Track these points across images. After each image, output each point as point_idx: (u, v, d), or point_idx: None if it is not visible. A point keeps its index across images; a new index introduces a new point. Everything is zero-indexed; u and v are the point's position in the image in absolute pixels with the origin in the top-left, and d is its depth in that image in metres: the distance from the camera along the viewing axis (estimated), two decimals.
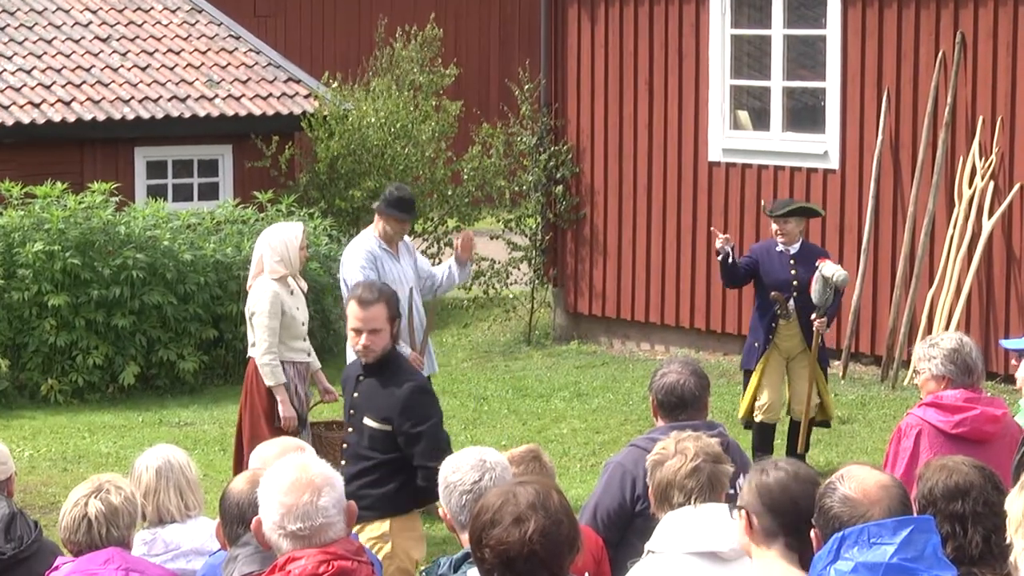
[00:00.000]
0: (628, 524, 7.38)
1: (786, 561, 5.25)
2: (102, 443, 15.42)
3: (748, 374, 13.25)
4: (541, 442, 12.50)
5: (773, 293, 12.86)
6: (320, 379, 12.10)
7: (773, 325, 13.06)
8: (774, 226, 13.27)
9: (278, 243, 11.60)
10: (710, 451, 6.49)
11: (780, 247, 13.19)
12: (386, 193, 12.68)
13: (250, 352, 11.68)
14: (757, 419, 13.14)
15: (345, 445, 8.92)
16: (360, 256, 12.21)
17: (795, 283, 12.94)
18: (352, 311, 8.69)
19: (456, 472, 6.15)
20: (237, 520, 5.93)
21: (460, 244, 12.80)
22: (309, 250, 17.50)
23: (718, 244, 13.06)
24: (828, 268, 12.86)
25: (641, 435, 8.11)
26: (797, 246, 13.20)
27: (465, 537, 5.44)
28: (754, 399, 13.11)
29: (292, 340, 11.62)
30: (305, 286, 12.02)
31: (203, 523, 6.97)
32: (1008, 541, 5.59)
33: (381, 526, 8.51)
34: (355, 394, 8.81)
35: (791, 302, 12.87)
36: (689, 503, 6.31)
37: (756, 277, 13.18)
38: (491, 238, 19.57)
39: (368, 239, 12.37)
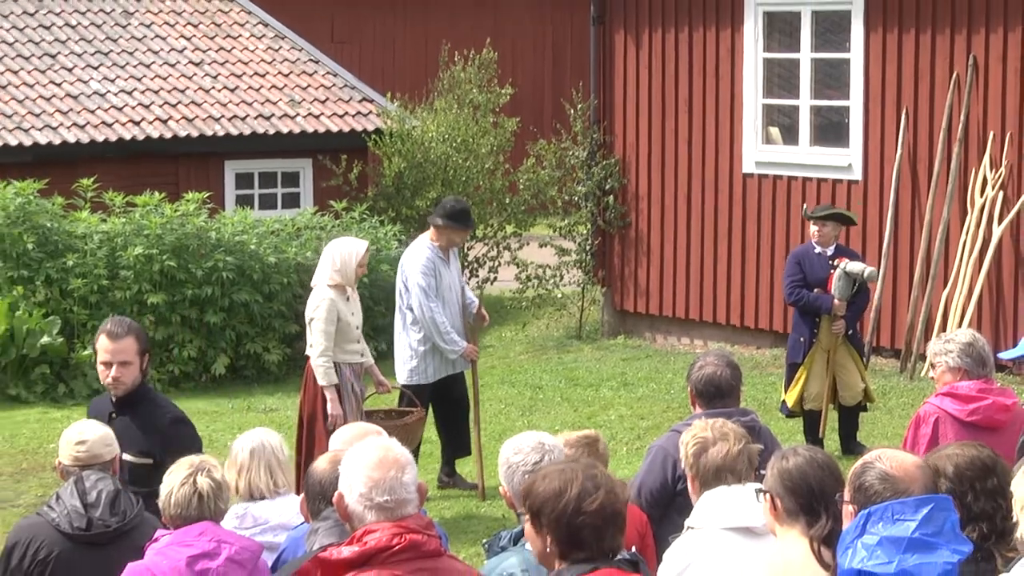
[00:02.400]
0: (670, 502, 7.38)
1: (806, 538, 5.27)
2: (198, 426, 15.46)
3: (794, 367, 13.20)
4: (590, 427, 12.49)
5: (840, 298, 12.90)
6: (374, 373, 12.03)
7: (816, 321, 13.05)
8: (813, 228, 13.23)
9: (340, 256, 11.59)
10: (743, 434, 6.50)
11: (818, 249, 13.17)
12: (446, 206, 12.63)
13: (307, 352, 11.71)
14: (806, 407, 13.15)
15: None
16: (421, 261, 12.29)
17: (835, 270, 12.97)
18: (102, 344, 8.10)
19: (518, 454, 6.17)
20: (319, 496, 5.95)
21: (480, 315, 12.88)
22: (379, 254, 17.67)
23: (837, 292, 12.96)
24: (854, 266, 12.87)
25: (681, 421, 8.09)
26: (832, 248, 13.19)
27: (524, 517, 5.44)
28: (803, 390, 13.11)
29: (347, 343, 11.59)
30: (357, 295, 12.01)
31: (289, 500, 6.99)
32: (1014, 520, 5.59)
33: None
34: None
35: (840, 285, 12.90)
36: (740, 483, 6.30)
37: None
38: (540, 245, 19.58)
39: (425, 246, 12.40)
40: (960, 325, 14.95)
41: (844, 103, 16.56)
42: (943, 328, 15.14)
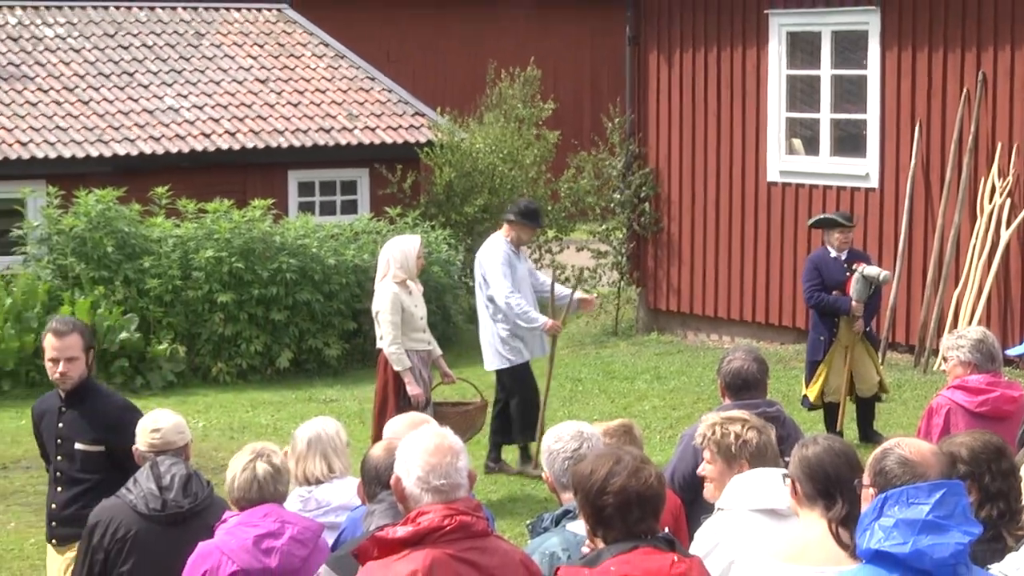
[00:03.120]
0: (701, 486, 7.36)
1: (825, 520, 5.28)
2: (262, 416, 15.54)
3: (814, 364, 13.18)
4: (626, 417, 12.48)
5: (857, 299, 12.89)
6: (441, 364, 12.08)
7: (836, 321, 13.03)
8: (837, 235, 13.19)
9: (399, 253, 11.68)
10: (757, 424, 6.49)
11: (833, 253, 13.15)
12: (520, 205, 12.75)
13: (379, 344, 11.75)
14: (826, 400, 13.16)
15: (59, 473, 7.96)
16: (498, 256, 12.35)
17: (853, 273, 12.97)
18: (48, 342, 7.96)
19: (559, 442, 6.18)
20: (375, 481, 5.96)
21: (586, 302, 12.98)
22: (431, 256, 17.69)
23: (855, 295, 12.96)
24: (871, 270, 12.87)
25: (711, 411, 8.09)
26: (845, 252, 13.17)
27: (567, 496, 5.44)
28: (824, 384, 13.09)
29: (412, 332, 11.68)
30: (421, 287, 12.05)
31: (349, 483, 7.00)
32: (1021, 503, 5.57)
33: None
34: (60, 424, 7.93)
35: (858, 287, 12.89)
36: (750, 468, 6.32)
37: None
38: (578, 249, 19.58)
39: (500, 242, 12.47)
40: (970, 323, 14.90)
41: (862, 116, 16.52)
42: (954, 325, 15.09)
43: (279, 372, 17.37)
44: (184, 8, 22.52)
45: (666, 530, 5.17)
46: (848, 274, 12.99)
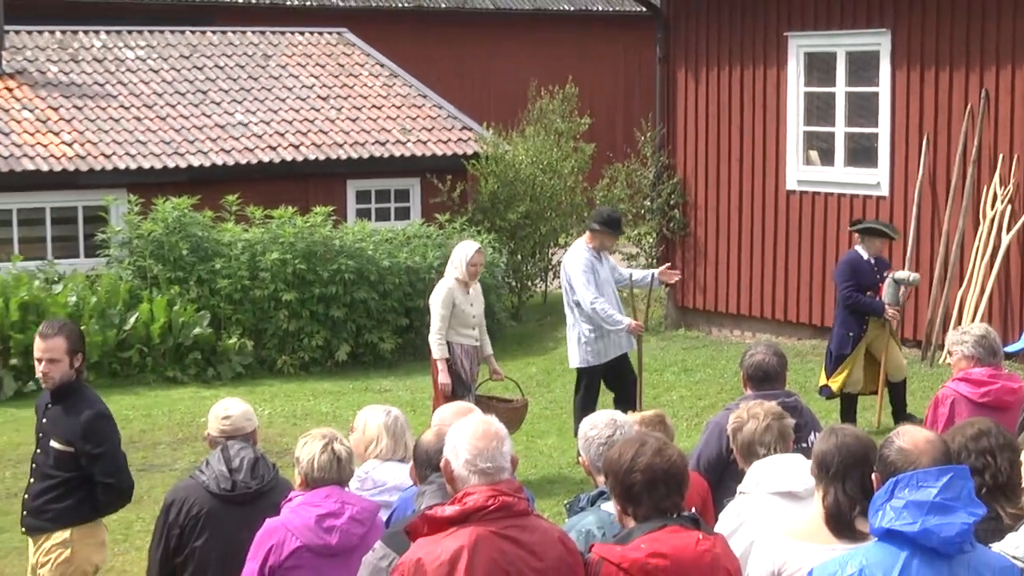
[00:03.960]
0: (724, 469, 7.35)
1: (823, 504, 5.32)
2: (322, 404, 15.58)
3: (841, 357, 13.14)
4: (655, 407, 12.47)
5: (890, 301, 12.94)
6: (491, 362, 12.06)
7: (866, 319, 13.03)
8: (879, 243, 13.19)
9: (456, 256, 11.77)
10: (774, 412, 6.50)
11: (865, 256, 13.13)
12: (602, 214, 12.61)
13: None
14: (846, 391, 13.16)
15: (34, 465, 7.78)
16: (580, 260, 12.28)
17: (886, 278, 13.01)
18: (36, 343, 7.70)
19: (594, 429, 6.19)
20: (426, 464, 5.96)
21: (665, 276, 12.84)
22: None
23: (888, 297, 12.99)
24: (901, 273, 12.96)
25: (733, 401, 8.07)
26: (875, 257, 13.16)
27: (601, 479, 5.43)
28: (847, 376, 13.08)
29: (462, 327, 11.70)
30: (480, 288, 12.04)
31: (403, 466, 7.01)
32: (1022, 484, 5.54)
33: (63, 534, 7.66)
34: (43, 419, 7.75)
35: (890, 290, 12.95)
36: (770, 454, 6.32)
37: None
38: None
39: (582, 248, 12.39)
40: (973, 320, 14.84)
41: (873, 130, 16.45)
42: (959, 322, 15.04)
43: (338, 364, 17.41)
44: (253, 32, 22.62)
45: (693, 510, 5.17)
46: (880, 279, 12.99)
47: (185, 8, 26.80)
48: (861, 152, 16.68)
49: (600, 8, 30.29)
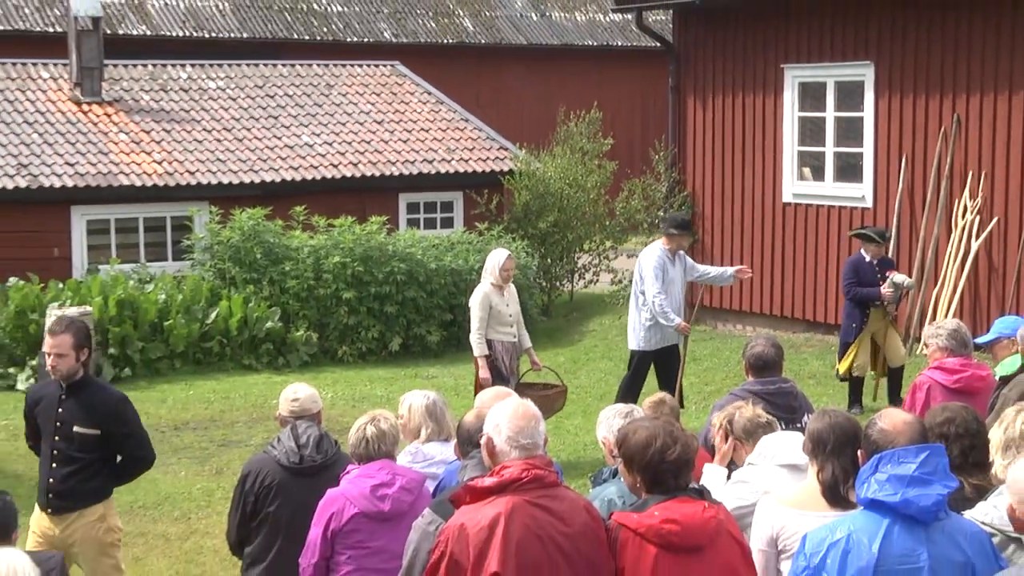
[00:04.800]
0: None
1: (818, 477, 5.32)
2: (377, 389, 15.60)
3: (846, 344, 13.20)
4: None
5: (889, 299, 12.97)
6: (531, 355, 11.93)
7: (867, 311, 13.05)
8: (872, 247, 13.19)
9: (490, 262, 11.69)
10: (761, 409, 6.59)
11: (868, 258, 13.13)
12: (676, 219, 12.56)
13: None
14: (853, 374, 13.18)
15: (56, 452, 7.48)
16: (653, 260, 12.19)
17: (880, 283, 13.00)
18: (45, 339, 7.51)
19: (614, 415, 6.26)
20: (468, 441, 5.97)
21: (742, 275, 12.68)
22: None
23: (888, 293, 12.98)
24: (898, 277, 12.98)
25: (736, 387, 8.06)
26: (878, 259, 13.16)
27: (619, 460, 5.41)
28: (853, 361, 13.09)
29: (499, 326, 11.62)
30: (514, 289, 11.97)
31: (447, 444, 7.02)
32: (991, 459, 5.52)
33: (97, 510, 7.57)
34: (60, 410, 7.45)
35: (890, 288, 12.97)
36: (774, 430, 6.34)
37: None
38: (628, 256, 19.53)
39: (657, 249, 12.30)
40: (947, 316, 14.78)
41: (859, 150, 16.39)
42: (934, 318, 14.98)
43: (391, 354, 17.44)
44: (317, 65, 22.68)
45: (699, 483, 5.17)
46: (880, 279, 12.99)
47: (259, 44, 26.89)
48: (848, 169, 16.62)
49: (619, 43, 30.25)
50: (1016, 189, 14.91)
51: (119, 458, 7.62)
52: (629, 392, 12.21)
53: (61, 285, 16.82)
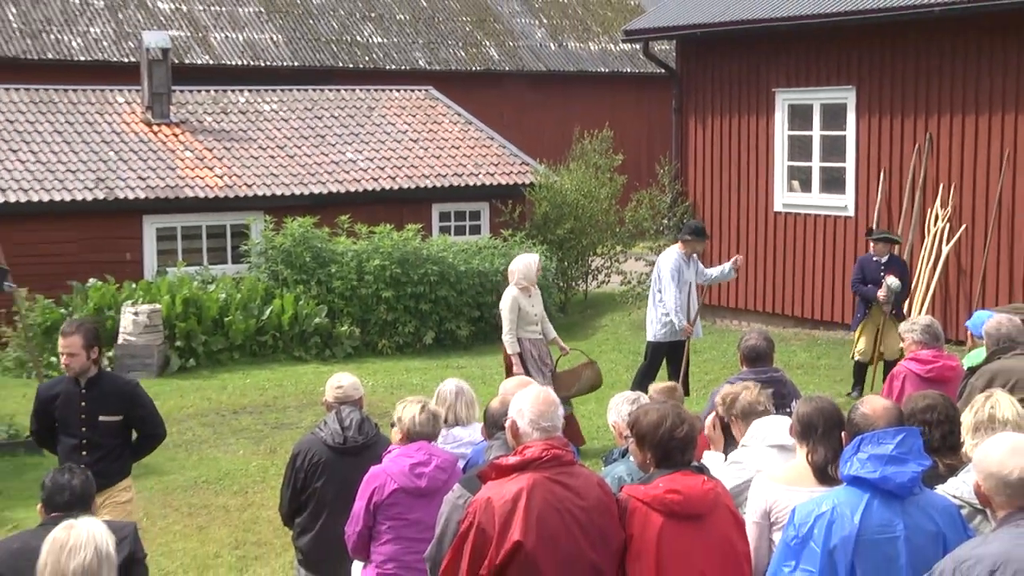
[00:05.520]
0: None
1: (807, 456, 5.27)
2: (413, 377, 15.61)
3: (855, 331, 13.36)
4: (672, 381, 12.41)
5: (884, 299, 12.93)
6: (558, 341, 11.86)
7: (869, 305, 13.07)
8: (879, 245, 13.21)
9: (523, 266, 11.61)
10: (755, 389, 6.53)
11: (875, 257, 13.17)
12: (692, 226, 12.55)
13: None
14: (855, 359, 13.27)
15: (84, 441, 7.40)
16: (671, 262, 12.25)
17: (883, 280, 12.95)
18: (59, 340, 7.44)
19: (623, 400, 6.25)
20: (493, 424, 5.98)
21: (737, 263, 12.69)
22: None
23: (882, 295, 12.93)
24: (892, 281, 12.93)
25: (732, 376, 8.04)
26: (886, 258, 13.13)
27: (630, 440, 5.41)
28: (855, 346, 13.23)
29: (527, 325, 11.57)
30: (538, 291, 11.95)
31: (476, 426, 7.03)
32: (961, 440, 5.50)
33: (123, 484, 7.56)
34: (83, 403, 7.36)
35: (884, 291, 12.94)
36: (766, 414, 6.31)
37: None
38: (635, 259, 19.50)
39: (674, 253, 12.34)
40: (920, 313, 14.72)
41: (842, 165, 16.34)
42: (909, 314, 14.90)
43: (425, 347, 17.46)
44: (360, 90, 22.71)
45: (700, 460, 5.16)
46: (883, 275, 13.00)
47: (308, 71, 26.94)
48: (832, 182, 16.57)
49: (628, 70, 30.21)
50: (982, 200, 14.85)
51: (134, 437, 7.65)
52: (646, 378, 12.25)
53: (134, 285, 16.91)
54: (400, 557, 6.29)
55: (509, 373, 11.43)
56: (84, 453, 7.41)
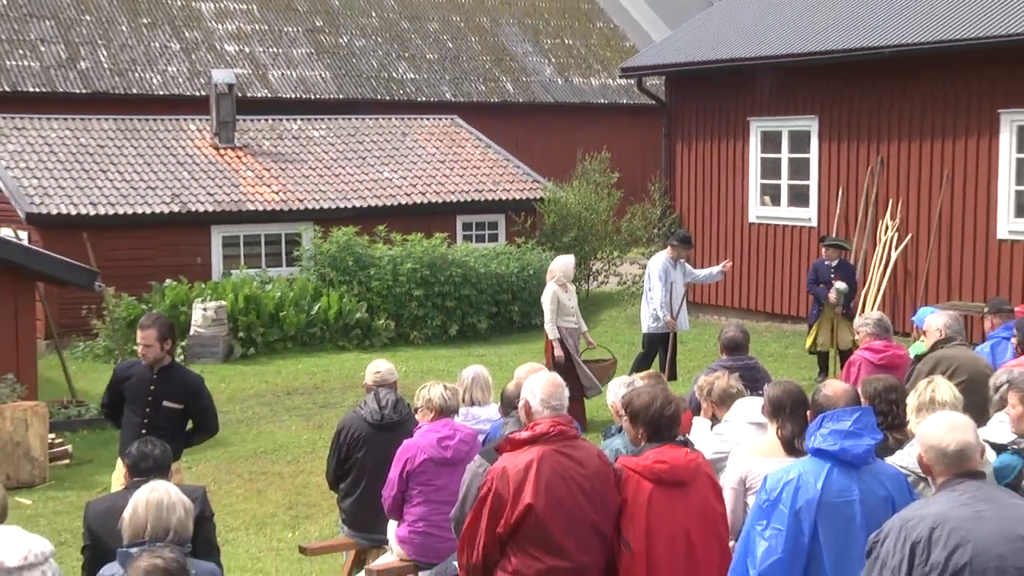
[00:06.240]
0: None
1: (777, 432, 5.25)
2: (440, 364, 15.61)
3: (810, 327, 13.35)
4: (659, 369, 12.36)
5: (835, 301, 12.89)
6: (586, 336, 11.87)
7: (822, 302, 13.10)
8: (831, 251, 13.22)
9: (563, 264, 11.64)
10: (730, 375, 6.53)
11: (827, 262, 13.12)
12: (679, 234, 12.61)
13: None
14: (818, 349, 13.23)
15: (146, 421, 7.10)
16: (659, 265, 12.29)
17: (833, 282, 12.94)
18: (137, 332, 7.23)
19: (619, 384, 6.24)
20: (509, 404, 5.99)
21: (725, 267, 12.73)
22: (542, 268, 17.63)
23: (832, 297, 12.86)
24: (839, 284, 12.92)
25: (713, 363, 8.03)
26: (836, 262, 13.11)
27: (624, 418, 5.41)
28: (815, 339, 13.17)
29: (565, 316, 11.55)
30: (574, 287, 11.91)
31: (493, 406, 7.04)
32: (907, 419, 5.49)
33: (177, 465, 7.07)
34: (152, 387, 7.12)
35: (834, 294, 12.90)
36: (743, 396, 6.31)
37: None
38: (630, 263, 19.47)
39: (662, 257, 12.39)
40: (872, 309, 14.67)
41: (807, 183, 16.28)
42: (863, 311, 14.86)
43: (450, 338, 17.46)
44: (395, 119, 22.73)
45: (686, 436, 5.15)
46: (833, 278, 13.01)
47: (352, 103, 26.97)
48: (798, 198, 16.51)
49: (625, 101, 30.16)
50: (925, 213, 14.80)
51: (189, 426, 7.37)
52: (643, 363, 12.33)
53: (203, 285, 16.98)
54: (429, 517, 6.30)
55: (549, 356, 11.42)
56: (144, 432, 7.08)
